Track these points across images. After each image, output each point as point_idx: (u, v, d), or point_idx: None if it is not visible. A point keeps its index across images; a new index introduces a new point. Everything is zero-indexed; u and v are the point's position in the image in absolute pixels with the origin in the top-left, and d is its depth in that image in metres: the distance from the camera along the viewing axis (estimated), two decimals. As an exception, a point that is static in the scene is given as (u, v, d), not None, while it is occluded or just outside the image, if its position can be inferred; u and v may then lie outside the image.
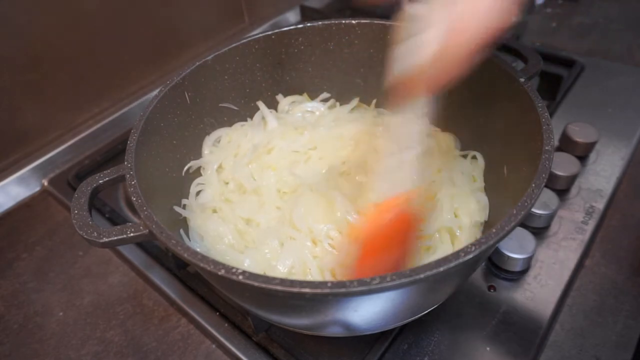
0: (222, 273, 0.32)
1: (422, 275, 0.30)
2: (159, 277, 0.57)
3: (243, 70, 0.59)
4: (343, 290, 0.30)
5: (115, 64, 0.78)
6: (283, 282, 0.31)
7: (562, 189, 0.62)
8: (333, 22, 0.59)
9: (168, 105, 0.51)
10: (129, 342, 0.52)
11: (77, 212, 0.41)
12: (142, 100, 0.83)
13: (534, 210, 0.56)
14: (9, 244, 0.65)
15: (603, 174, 0.64)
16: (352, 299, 0.34)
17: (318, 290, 0.30)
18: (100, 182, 0.44)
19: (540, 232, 0.57)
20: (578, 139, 0.64)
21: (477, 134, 0.55)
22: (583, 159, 0.65)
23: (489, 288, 0.52)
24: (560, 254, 0.55)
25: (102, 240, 0.39)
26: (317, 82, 0.64)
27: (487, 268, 0.54)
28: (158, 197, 0.47)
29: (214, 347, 0.51)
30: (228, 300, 0.53)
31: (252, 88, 0.61)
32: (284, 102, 0.64)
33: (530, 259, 0.53)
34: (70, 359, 0.52)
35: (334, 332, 0.45)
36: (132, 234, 0.39)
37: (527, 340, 0.48)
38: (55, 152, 0.74)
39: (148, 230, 0.38)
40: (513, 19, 0.33)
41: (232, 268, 0.32)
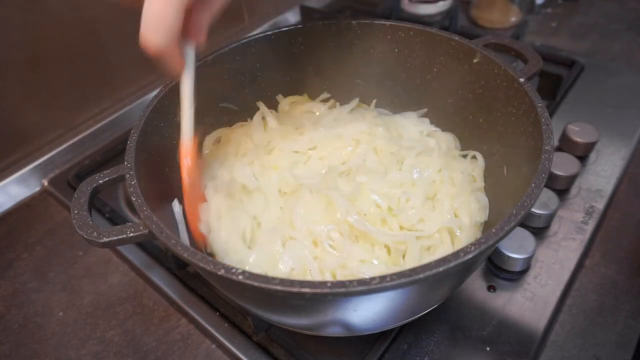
0: (222, 273, 0.32)
1: (422, 275, 0.30)
2: (159, 277, 0.57)
3: (243, 70, 0.59)
4: (343, 290, 0.30)
5: (115, 64, 0.78)
6: (283, 282, 0.31)
7: (562, 189, 0.62)
8: (333, 22, 0.59)
9: (168, 105, 0.51)
10: (129, 342, 0.53)
11: (77, 212, 0.41)
12: (142, 100, 0.83)
13: (534, 210, 0.56)
14: (9, 244, 0.65)
15: (603, 174, 0.64)
16: (351, 299, 0.34)
17: (318, 290, 0.30)
18: (100, 182, 0.44)
19: (540, 232, 0.57)
20: (578, 139, 0.64)
21: (477, 134, 0.55)
22: (583, 159, 0.65)
23: (489, 288, 0.52)
24: (560, 254, 0.55)
25: (102, 240, 0.39)
26: (317, 82, 0.64)
27: (487, 268, 0.54)
28: (158, 197, 0.47)
29: (214, 347, 0.51)
30: (228, 300, 0.53)
31: (252, 88, 0.61)
32: (284, 102, 0.64)
33: (530, 259, 0.53)
34: (70, 359, 0.52)
35: (334, 332, 0.45)
36: (132, 234, 0.39)
37: (527, 341, 0.48)
38: (55, 152, 0.74)
39: (148, 230, 0.38)
40: None
41: (232, 268, 0.32)
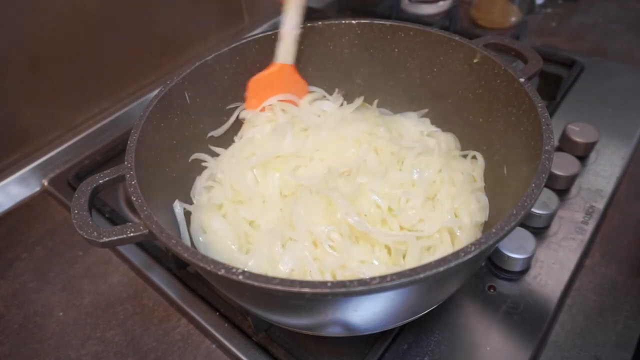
0: (222, 273, 0.32)
1: (422, 275, 0.30)
2: (159, 277, 0.57)
3: (243, 70, 0.59)
4: (343, 290, 0.30)
5: (115, 64, 0.78)
6: (283, 282, 0.31)
7: (562, 189, 0.62)
8: (333, 22, 0.59)
9: (168, 105, 0.51)
10: (129, 342, 0.53)
11: (77, 212, 0.41)
12: (142, 100, 0.83)
13: (534, 210, 0.56)
14: (9, 244, 0.65)
15: (603, 174, 0.64)
16: (352, 299, 0.34)
17: (318, 290, 0.30)
18: (100, 182, 0.44)
19: (540, 232, 0.57)
20: (578, 139, 0.64)
21: (477, 134, 0.55)
22: (583, 159, 0.65)
23: (489, 288, 0.52)
24: (560, 254, 0.55)
25: (102, 240, 0.39)
26: (317, 82, 0.64)
27: (487, 268, 0.54)
28: (158, 197, 0.47)
29: (214, 347, 0.51)
30: (228, 300, 0.53)
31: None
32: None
33: (530, 259, 0.53)
34: (70, 359, 0.52)
35: (334, 332, 0.45)
36: (132, 234, 0.39)
37: (527, 341, 0.48)
38: (55, 152, 0.74)
39: (148, 230, 0.38)
40: None
41: (232, 268, 0.32)
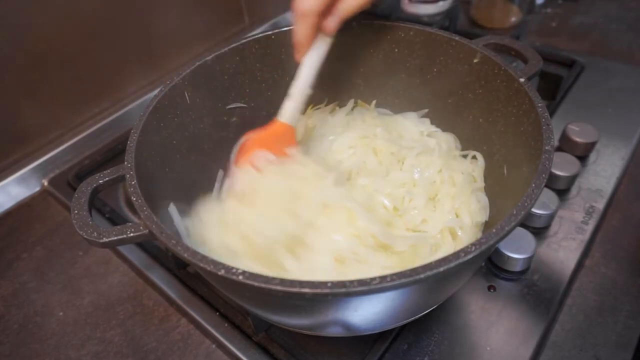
0: (222, 273, 0.32)
1: (422, 276, 0.30)
2: (159, 277, 0.57)
3: (243, 70, 0.59)
4: (343, 290, 0.30)
5: (115, 64, 0.78)
6: (283, 282, 0.31)
7: (562, 189, 0.62)
8: (333, 22, 0.59)
9: (168, 105, 0.51)
10: (129, 342, 0.53)
11: (77, 212, 0.41)
12: (142, 100, 0.83)
13: (534, 210, 0.56)
14: (9, 244, 0.65)
15: (603, 174, 0.64)
16: (352, 299, 0.34)
17: (318, 291, 0.30)
18: (100, 182, 0.44)
19: (540, 232, 0.57)
20: (578, 139, 0.64)
21: (477, 134, 0.55)
22: (583, 159, 0.65)
23: (489, 288, 0.52)
24: (560, 254, 0.55)
25: (102, 240, 0.39)
26: (317, 82, 0.64)
27: (487, 268, 0.54)
28: (158, 197, 0.47)
29: (214, 347, 0.51)
30: (228, 300, 0.53)
31: (252, 88, 0.61)
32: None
33: (530, 259, 0.53)
34: (70, 359, 0.52)
35: (334, 332, 0.45)
36: (132, 234, 0.39)
37: (527, 341, 0.48)
38: (55, 152, 0.74)
39: (148, 230, 0.38)
40: None
41: (232, 268, 0.32)
